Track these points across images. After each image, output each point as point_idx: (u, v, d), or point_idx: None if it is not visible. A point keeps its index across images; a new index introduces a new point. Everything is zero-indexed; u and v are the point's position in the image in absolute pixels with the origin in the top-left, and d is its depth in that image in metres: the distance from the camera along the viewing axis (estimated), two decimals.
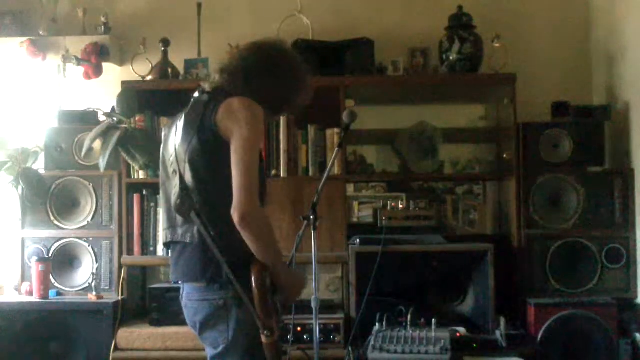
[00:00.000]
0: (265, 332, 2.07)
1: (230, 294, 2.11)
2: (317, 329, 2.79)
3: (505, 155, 3.72)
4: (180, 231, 2.19)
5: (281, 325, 2.18)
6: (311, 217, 2.70)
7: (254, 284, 2.06)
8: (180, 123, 2.20)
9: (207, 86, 2.24)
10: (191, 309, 2.20)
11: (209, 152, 2.12)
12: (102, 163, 3.54)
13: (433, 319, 3.19)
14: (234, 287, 2.09)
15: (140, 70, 3.80)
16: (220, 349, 2.15)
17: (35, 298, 3.58)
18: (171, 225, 2.23)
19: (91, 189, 3.69)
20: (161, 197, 2.30)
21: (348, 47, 3.80)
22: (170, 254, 2.31)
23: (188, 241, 2.17)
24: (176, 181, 2.16)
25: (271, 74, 2.23)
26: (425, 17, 4.00)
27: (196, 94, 2.26)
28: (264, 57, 2.25)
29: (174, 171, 2.18)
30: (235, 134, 2.08)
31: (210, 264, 2.12)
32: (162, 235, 2.30)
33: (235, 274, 2.08)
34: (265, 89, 2.20)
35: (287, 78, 2.26)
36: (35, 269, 3.58)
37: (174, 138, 2.21)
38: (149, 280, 3.93)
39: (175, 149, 2.18)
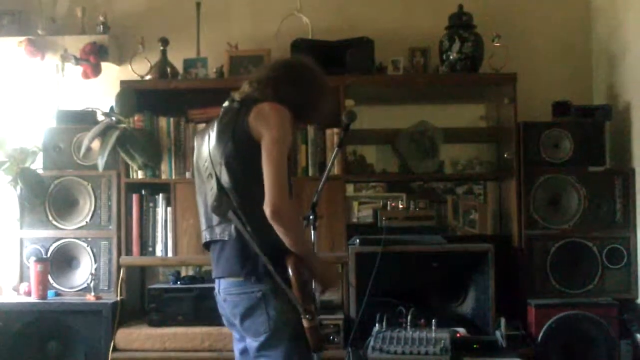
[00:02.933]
0: (307, 316, 2.22)
1: (267, 286, 2.25)
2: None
3: (505, 155, 3.71)
4: (217, 230, 2.34)
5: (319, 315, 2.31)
6: (311, 217, 2.70)
7: (291, 272, 2.22)
8: (213, 130, 2.37)
9: (236, 96, 2.42)
10: (231, 303, 2.33)
11: (243, 154, 2.28)
12: (101, 163, 3.53)
13: (433, 320, 3.18)
14: (271, 279, 2.24)
15: (139, 69, 3.79)
16: (263, 337, 2.27)
17: (33, 298, 3.57)
18: (209, 226, 2.38)
19: (90, 189, 3.68)
20: (198, 201, 2.45)
21: (348, 46, 3.79)
22: (210, 253, 2.43)
23: (226, 238, 2.31)
24: (212, 183, 2.32)
25: (297, 84, 2.41)
26: (425, 16, 4.00)
27: (226, 103, 2.43)
28: (291, 70, 2.45)
29: (210, 175, 2.34)
30: (265, 135, 2.25)
31: (248, 258, 2.27)
32: (202, 237, 2.45)
33: (273, 265, 2.23)
34: (291, 98, 2.37)
35: (311, 88, 2.44)
36: (33, 269, 3.57)
37: (208, 144, 2.37)
38: (148, 281, 3.93)
39: (210, 154, 2.35)
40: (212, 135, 2.37)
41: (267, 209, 2.18)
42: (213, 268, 2.41)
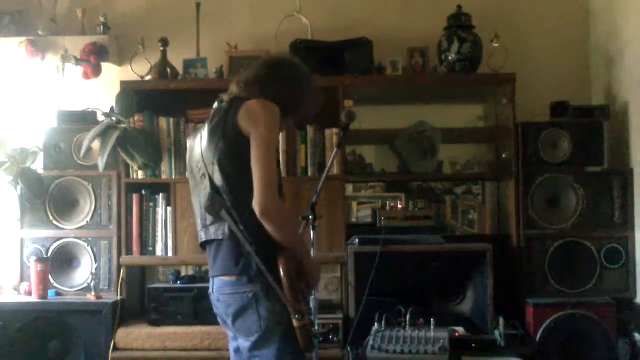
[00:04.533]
0: (297, 316, 2.23)
1: (258, 286, 2.26)
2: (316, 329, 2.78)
3: (504, 155, 3.72)
4: (212, 230, 2.35)
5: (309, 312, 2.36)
6: (310, 217, 2.71)
7: (282, 273, 2.24)
8: (205, 131, 2.38)
9: (225, 97, 2.43)
10: (224, 302, 2.35)
11: (234, 153, 2.29)
12: (101, 163, 3.54)
13: (432, 319, 3.19)
14: (263, 279, 2.25)
15: (139, 70, 3.80)
16: (254, 337, 2.28)
17: (34, 298, 3.59)
18: (204, 226, 2.39)
19: (90, 189, 3.69)
20: (193, 202, 2.45)
21: (347, 47, 3.80)
22: (207, 253, 2.44)
23: (221, 238, 2.32)
24: (206, 184, 2.33)
25: (283, 81, 2.43)
26: (424, 17, 4.01)
27: (215, 104, 2.45)
28: (277, 67, 2.47)
29: (203, 175, 2.35)
30: (254, 132, 2.26)
31: (241, 257, 2.28)
32: (198, 237, 2.46)
33: (265, 265, 2.24)
34: (278, 94, 2.38)
35: (297, 84, 2.46)
36: (34, 269, 3.58)
37: (200, 145, 2.39)
38: (148, 280, 3.93)
39: (202, 155, 2.36)
40: (203, 136, 2.38)
41: (256, 208, 2.20)
42: (210, 268, 2.42)
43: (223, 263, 2.33)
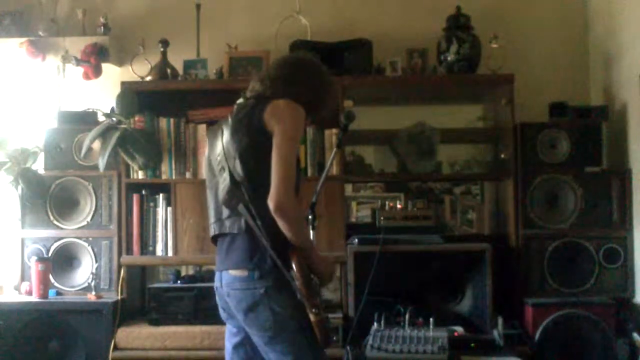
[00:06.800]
0: (314, 310, 2.26)
1: (270, 282, 2.29)
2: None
3: (503, 156, 3.73)
4: (227, 223, 2.38)
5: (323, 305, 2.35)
6: (310, 217, 2.72)
7: (295, 268, 2.27)
8: (227, 126, 2.42)
9: (248, 94, 2.51)
10: (234, 298, 2.35)
11: (257, 148, 2.33)
12: (102, 163, 3.55)
13: (431, 319, 3.20)
14: (275, 275, 2.28)
15: (139, 70, 3.81)
16: (269, 333, 2.31)
17: (34, 298, 3.60)
18: (218, 219, 2.43)
19: (90, 189, 3.71)
20: (207, 196, 2.49)
21: (346, 47, 3.82)
22: (218, 246, 2.46)
23: (236, 231, 2.36)
24: (225, 177, 2.37)
25: (306, 80, 2.50)
26: (423, 18, 4.02)
27: (240, 100, 2.51)
28: (300, 67, 2.54)
29: (222, 168, 2.39)
30: (278, 129, 2.31)
31: (256, 252, 2.31)
32: (210, 230, 2.48)
33: (281, 259, 2.28)
34: (301, 94, 2.43)
35: (319, 84, 2.53)
36: (34, 268, 3.59)
37: (221, 139, 2.42)
38: (148, 280, 3.95)
39: (224, 148, 2.39)
40: (225, 130, 2.41)
41: (270, 204, 2.23)
42: (219, 261, 2.43)
43: (237, 256, 2.34)
